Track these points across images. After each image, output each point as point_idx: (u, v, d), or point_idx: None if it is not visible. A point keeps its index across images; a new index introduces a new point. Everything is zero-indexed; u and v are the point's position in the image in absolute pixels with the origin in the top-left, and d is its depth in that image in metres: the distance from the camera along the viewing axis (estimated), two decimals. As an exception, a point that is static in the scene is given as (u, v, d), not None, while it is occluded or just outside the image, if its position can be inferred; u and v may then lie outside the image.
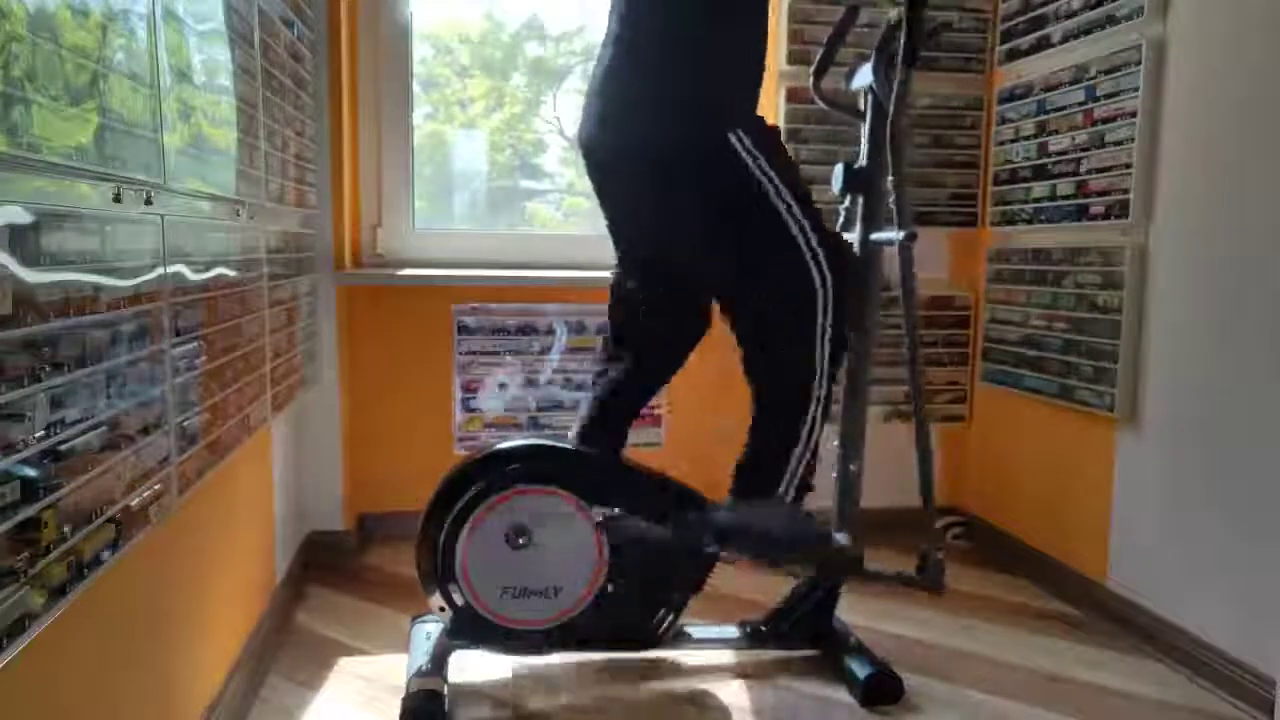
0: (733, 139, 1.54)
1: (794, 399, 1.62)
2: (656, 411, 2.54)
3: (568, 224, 2.89)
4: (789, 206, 1.56)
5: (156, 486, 1.10)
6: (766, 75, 1.71)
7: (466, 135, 2.86)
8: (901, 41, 1.57)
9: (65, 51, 0.85)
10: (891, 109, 1.60)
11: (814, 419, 1.62)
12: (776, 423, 1.65)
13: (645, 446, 2.48)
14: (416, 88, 2.57)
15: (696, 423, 1.72)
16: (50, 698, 0.94)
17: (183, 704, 1.34)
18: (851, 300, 1.64)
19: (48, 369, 0.83)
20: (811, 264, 1.57)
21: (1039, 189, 2.32)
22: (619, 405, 1.81)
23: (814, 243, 1.57)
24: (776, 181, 1.55)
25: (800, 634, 1.85)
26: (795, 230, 1.56)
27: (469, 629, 1.67)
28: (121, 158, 0.99)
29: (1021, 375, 2.39)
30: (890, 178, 1.63)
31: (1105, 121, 2.07)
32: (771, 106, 2.48)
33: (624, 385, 1.80)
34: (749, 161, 1.54)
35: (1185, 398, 1.89)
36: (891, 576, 1.76)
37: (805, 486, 1.67)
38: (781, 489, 1.64)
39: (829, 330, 1.59)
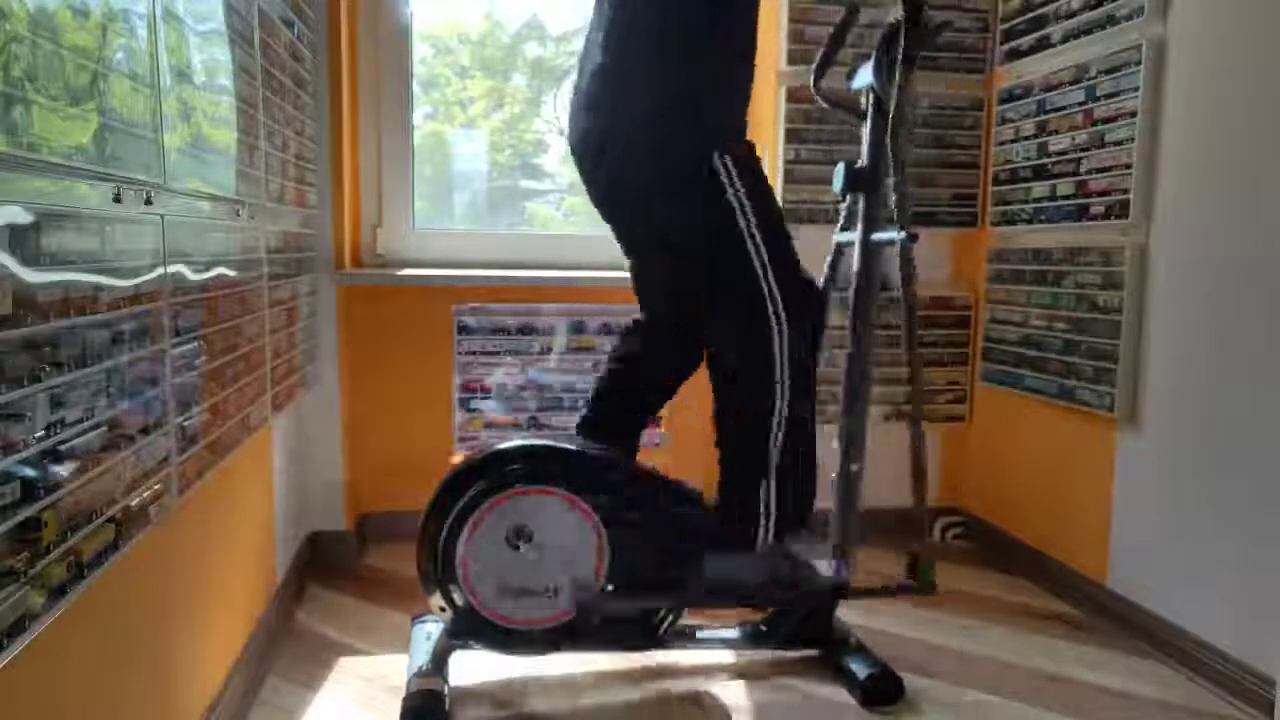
0: (717, 161, 1.53)
1: (751, 437, 1.59)
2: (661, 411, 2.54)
3: (568, 224, 2.89)
4: (754, 240, 1.55)
5: (156, 486, 1.10)
6: (768, 75, 1.72)
7: (466, 135, 2.86)
8: (900, 42, 1.57)
9: (65, 51, 0.85)
10: (889, 109, 1.60)
11: (777, 454, 1.58)
12: (736, 465, 1.63)
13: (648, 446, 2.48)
14: (416, 88, 2.57)
15: (701, 422, 1.73)
16: (50, 698, 0.94)
17: (183, 704, 1.34)
18: (811, 339, 1.61)
19: (48, 369, 0.83)
20: (768, 305, 1.56)
21: (1039, 189, 2.32)
22: (618, 402, 1.81)
23: (772, 283, 1.55)
24: (749, 211, 1.54)
25: (800, 634, 1.85)
26: (757, 266, 1.55)
27: (469, 629, 1.67)
28: (121, 158, 0.99)
29: (1021, 375, 2.39)
30: (891, 178, 1.63)
31: (1105, 121, 2.07)
32: (771, 106, 2.48)
33: (622, 383, 1.81)
34: (727, 186, 1.54)
35: (1185, 398, 1.89)
36: (881, 591, 1.77)
37: (788, 524, 1.62)
38: (760, 536, 1.61)
39: (787, 369, 1.57)
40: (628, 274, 1.86)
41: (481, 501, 1.63)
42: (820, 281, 1.81)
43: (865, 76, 1.71)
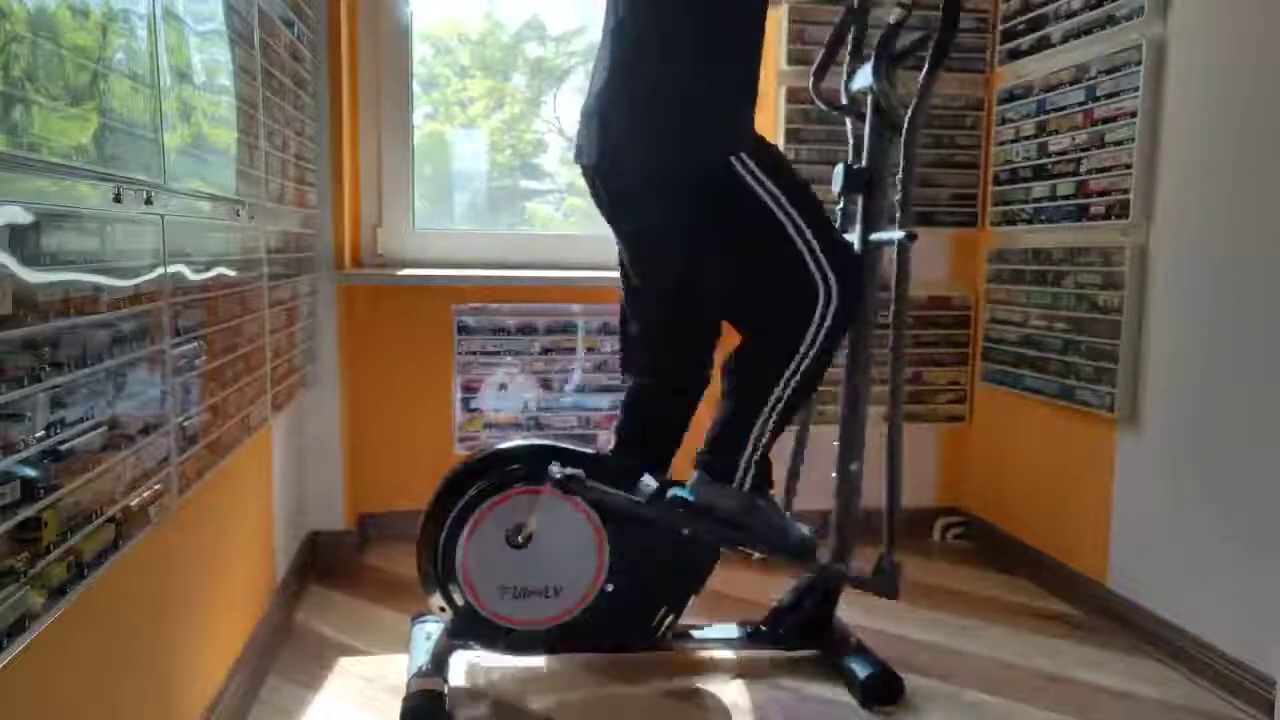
0: (736, 164, 1.53)
1: (757, 397, 1.61)
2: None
3: (568, 224, 2.89)
4: (796, 226, 1.56)
5: (156, 486, 1.10)
6: (768, 75, 1.71)
7: (466, 135, 2.86)
8: (932, 45, 1.58)
9: (65, 51, 0.85)
10: (911, 109, 1.60)
11: (768, 420, 1.61)
12: (738, 415, 1.64)
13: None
14: (416, 88, 2.57)
15: (700, 420, 1.75)
16: (50, 698, 0.94)
17: (183, 704, 1.34)
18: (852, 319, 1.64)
19: (48, 369, 0.83)
20: (820, 282, 1.57)
21: (1039, 189, 2.32)
22: (644, 421, 1.81)
23: (823, 262, 1.57)
24: (783, 201, 1.55)
25: (800, 634, 1.85)
26: (802, 248, 1.56)
27: (469, 629, 1.67)
28: (121, 158, 0.99)
29: (1021, 375, 2.39)
30: (898, 177, 1.64)
31: (1105, 121, 2.07)
32: (771, 106, 2.48)
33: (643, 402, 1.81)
34: (754, 185, 1.54)
35: (1185, 398, 1.89)
36: (846, 579, 1.77)
37: (760, 483, 1.66)
38: (735, 481, 1.64)
39: (819, 342, 1.58)
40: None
41: (481, 501, 1.64)
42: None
43: (864, 78, 1.71)
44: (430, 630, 1.76)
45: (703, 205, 1.56)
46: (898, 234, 1.64)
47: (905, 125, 1.63)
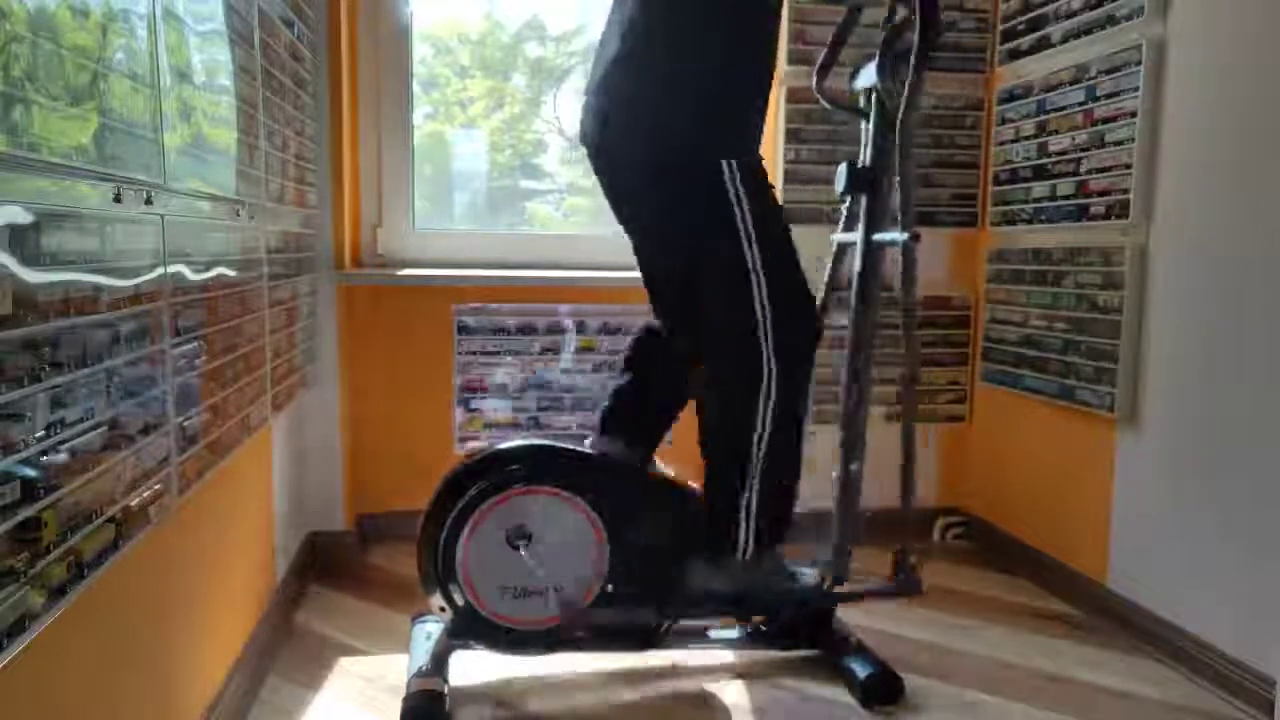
0: (724, 166, 1.53)
1: (732, 456, 1.60)
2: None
3: (568, 224, 2.89)
4: (754, 263, 1.54)
5: (156, 486, 1.10)
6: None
7: (466, 135, 2.86)
8: (914, 42, 1.57)
9: (65, 51, 0.85)
10: (901, 108, 1.60)
11: (755, 469, 1.59)
12: (720, 479, 1.64)
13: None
14: (416, 88, 2.57)
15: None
16: (50, 698, 0.94)
17: (183, 704, 1.34)
18: (801, 378, 1.61)
19: (48, 369, 0.83)
20: (764, 343, 1.55)
21: (1039, 189, 2.32)
22: (624, 413, 1.81)
23: (768, 320, 1.54)
24: (750, 228, 1.54)
25: (800, 634, 1.85)
26: (755, 292, 1.54)
27: (470, 629, 1.67)
28: (121, 158, 0.99)
29: (1021, 375, 2.39)
30: (896, 178, 1.64)
31: (1105, 121, 2.07)
32: (772, 107, 2.47)
33: (629, 395, 1.81)
34: (731, 196, 1.53)
35: (1185, 398, 1.89)
36: (862, 595, 1.78)
37: (766, 537, 1.64)
38: (740, 550, 1.62)
39: (772, 408, 1.56)
40: (628, 274, 1.86)
41: (481, 502, 1.64)
42: (820, 289, 1.81)
43: (869, 76, 1.71)
44: (430, 630, 1.76)
45: (692, 200, 1.56)
46: (901, 235, 1.64)
47: (896, 125, 1.62)
